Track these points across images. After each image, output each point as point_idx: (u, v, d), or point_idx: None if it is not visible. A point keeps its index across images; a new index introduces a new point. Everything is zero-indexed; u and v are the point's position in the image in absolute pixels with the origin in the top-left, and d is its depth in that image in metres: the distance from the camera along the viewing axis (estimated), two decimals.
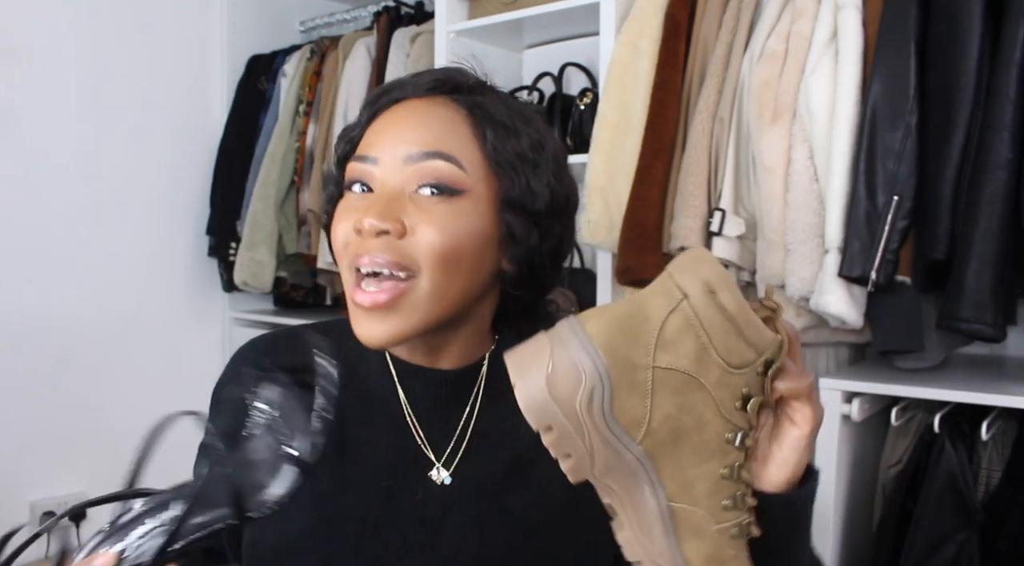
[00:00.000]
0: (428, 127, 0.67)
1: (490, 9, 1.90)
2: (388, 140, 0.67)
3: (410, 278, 0.64)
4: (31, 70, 2.08)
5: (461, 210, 0.66)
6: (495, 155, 0.68)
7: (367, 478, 0.71)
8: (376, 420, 0.73)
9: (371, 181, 0.67)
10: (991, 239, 1.16)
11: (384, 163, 0.66)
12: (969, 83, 1.21)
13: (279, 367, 0.74)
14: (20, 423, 2.06)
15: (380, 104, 0.70)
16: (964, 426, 1.32)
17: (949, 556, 1.23)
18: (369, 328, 0.65)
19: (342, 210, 0.68)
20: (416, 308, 0.64)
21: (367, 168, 0.67)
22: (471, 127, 0.68)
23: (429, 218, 0.64)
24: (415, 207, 0.65)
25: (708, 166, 1.47)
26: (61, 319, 2.15)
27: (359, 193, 0.68)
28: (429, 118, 0.68)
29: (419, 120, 0.68)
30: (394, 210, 0.64)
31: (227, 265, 2.37)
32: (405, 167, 0.66)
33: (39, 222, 2.11)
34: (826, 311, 1.30)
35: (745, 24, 1.48)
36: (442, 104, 0.69)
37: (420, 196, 0.65)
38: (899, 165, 1.26)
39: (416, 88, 0.70)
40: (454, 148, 0.67)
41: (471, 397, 0.74)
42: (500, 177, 0.68)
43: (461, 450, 0.73)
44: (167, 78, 2.38)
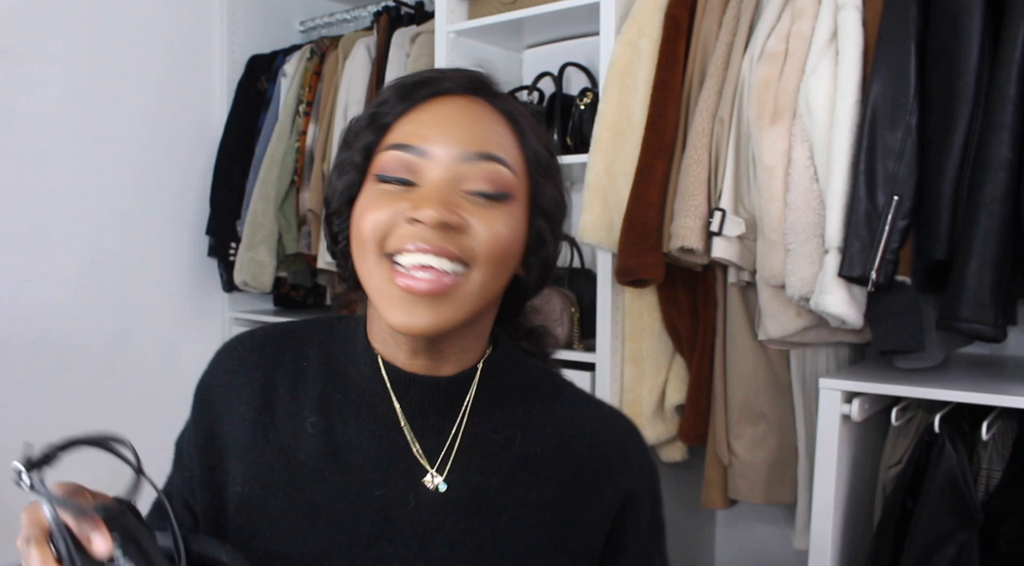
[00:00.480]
0: (482, 128, 0.67)
1: (490, 9, 1.90)
2: (439, 135, 0.66)
3: (463, 272, 0.64)
4: (31, 70, 2.08)
5: (509, 213, 0.67)
6: (535, 163, 0.70)
7: (360, 486, 0.69)
8: (367, 425, 0.71)
9: (416, 172, 0.65)
10: (991, 239, 1.16)
11: (435, 156, 0.65)
12: (969, 83, 1.21)
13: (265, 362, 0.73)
14: (20, 423, 2.06)
15: (419, 95, 0.68)
16: (964, 426, 1.32)
17: (949, 556, 1.23)
18: (414, 315, 0.63)
19: (375, 197, 0.66)
20: (463, 300, 0.64)
21: (413, 159, 0.65)
22: (512, 133, 0.69)
23: (485, 218, 0.65)
24: (468, 204, 0.65)
25: (708, 166, 1.48)
26: (61, 319, 2.15)
27: (396, 184, 0.65)
28: (480, 118, 0.68)
29: (472, 119, 0.67)
30: (455, 205, 0.64)
31: (227, 265, 2.37)
32: (459, 164, 0.65)
33: (38, 222, 2.11)
34: (826, 311, 1.30)
35: (745, 24, 1.48)
36: (483, 105, 0.69)
37: (472, 196, 0.65)
38: (899, 165, 1.26)
39: (457, 84, 0.69)
40: (506, 152, 0.67)
41: (464, 403, 0.72)
42: (536, 184, 0.70)
43: (452, 457, 0.71)
44: (167, 78, 2.38)
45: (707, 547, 2.03)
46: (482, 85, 0.70)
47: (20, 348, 2.07)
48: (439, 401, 0.71)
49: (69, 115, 2.16)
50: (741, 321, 1.56)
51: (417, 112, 0.68)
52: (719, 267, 1.57)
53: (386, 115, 0.68)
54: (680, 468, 1.78)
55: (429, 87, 0.68)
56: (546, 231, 0.71)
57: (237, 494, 0.69)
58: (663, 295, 1.66)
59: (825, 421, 1.29)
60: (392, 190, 0.65)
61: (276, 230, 2.25)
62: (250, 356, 0.74)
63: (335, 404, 0.71)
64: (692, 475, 1.80)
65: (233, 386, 0.73)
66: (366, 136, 0.69)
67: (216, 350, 0.77)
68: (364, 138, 0.69)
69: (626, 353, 1.68)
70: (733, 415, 1.57)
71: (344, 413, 0.71)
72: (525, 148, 0.69)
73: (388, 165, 0.66)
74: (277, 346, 0.75)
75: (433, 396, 0.71)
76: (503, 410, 0.74)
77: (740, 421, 1.57)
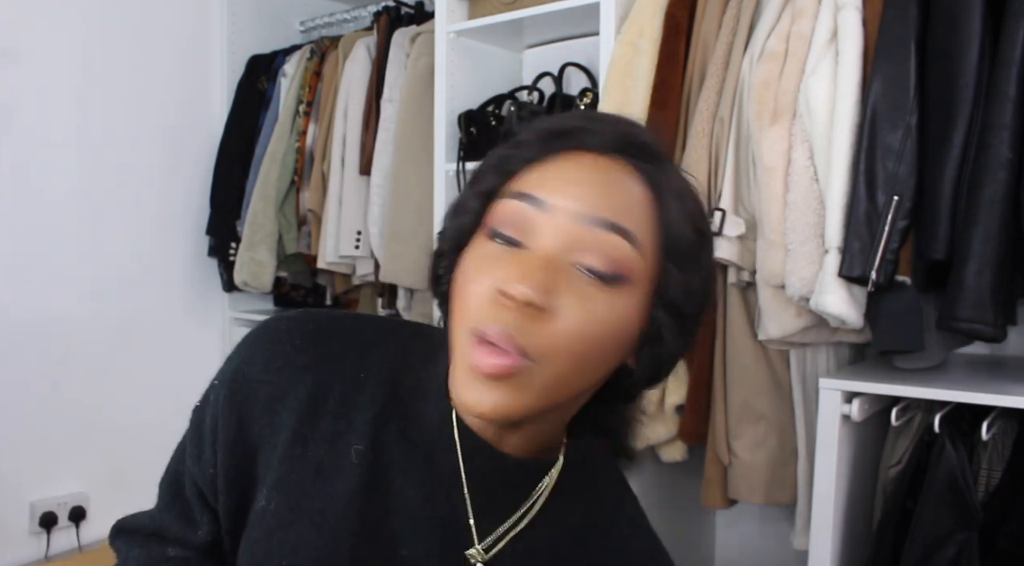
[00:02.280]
0: (614, 194, 0.58)
1: (490, 9, 1.90)
2: (566, 190, 0.58)
3: (528, 362, 0.56)
4: (31, 70, 2.08)
5: (619, 301, 0.58)
6: (671, 246, 0.60)
7: (391, 537, 0.62)
8: (418, 472, 0.63)
9: (530, 227, 0.58)
10: (991, 239, 1.16)
11: (555, 211, 0.57)
12: (969, 83, 1.21)
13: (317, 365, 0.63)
14: (20, 423, 2.06)
15: (555, 146, 0.60)
16: (964, 426, 1.32)
17: (949, 556, 1.23)
18: (482, 395, 0.56)
19: (483, 259, 0.58)
20: (528, 388, 0.56)
21: (532, 211, 0.57)
22: (652, 208, 0.59)
23: (581, 305, 0.56)
24: (569, 281, 0.56)
25: (708, 166, 1.47)
26: (61, 319, 2.15)
27: (504, 246, 0.58)
28: (616, 184, 0.59)
29: (606, 181, 0.58)
30: (550, 282, 0.55)
31: (227, 265, 2.37)
32: (576, 226, 0.57)
33: (39, 222, 2.11)
34: (826, 311, 1.30)
35: (745, 24, 1.48)
36: (626, 171, 0.60)
37: (579, 272, 0.57)
38: (899, 165, 1.26)
39: (602, 143, 0.60)
40: (636, 227, 0.58)
41: (536, 492, 0.66)
42: (667, 270, 0.60)
43: (507, 540, 0.64)
44: (167, 78, 2.38)
45: (707, 547, 2.02)
46: (632, 146, 0.61)
47: (20, 348, 2.07)
48: (511, 480, 0.65)
49: (69, 115, 2.16)
50: (741, 321, 1.56)
51: (549, 163, 0.60)
52: (719, 267, 1.57)
53: (516, 160, 0.61)
54: (680, 468, 1.78)
55: (572, 139, 0.60)
56: (667, 325, 0.61)
57: (261, 508, 0.63)
58: None
59: (825, 421, 1.29)
60: (501, 251, 0.58)
61: (276, 230, 2.25)
62: (299, 357, 0.64)
63: (388, 436, 0.64)
64: (692, 475, 1.80)
65: (276, 387, 0.63)
66: (490, 179, 0.62)
67: (252, 333, 0.67)
68: (487, 181, 0.62)
69: None
70: (733, 415, 1.57)
71: (398, 451, 0.64)
72: (661, 225, 0.59)
73: (504, 214, 0.59)
74: (335, 346, 0.66)
75: (504, 473, 0.64)
76: (564, 512, 0.67)
77: (740, 421, 1.57)
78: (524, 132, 0.63)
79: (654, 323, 0.60)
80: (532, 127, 0.63)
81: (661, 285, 0.60)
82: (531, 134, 0.62)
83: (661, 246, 0.60)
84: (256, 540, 0.63)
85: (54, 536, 2.14)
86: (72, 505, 2.16)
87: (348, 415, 0.64)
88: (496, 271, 0.57)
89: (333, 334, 0.66)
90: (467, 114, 1.91)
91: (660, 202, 0.60)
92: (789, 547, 1.60)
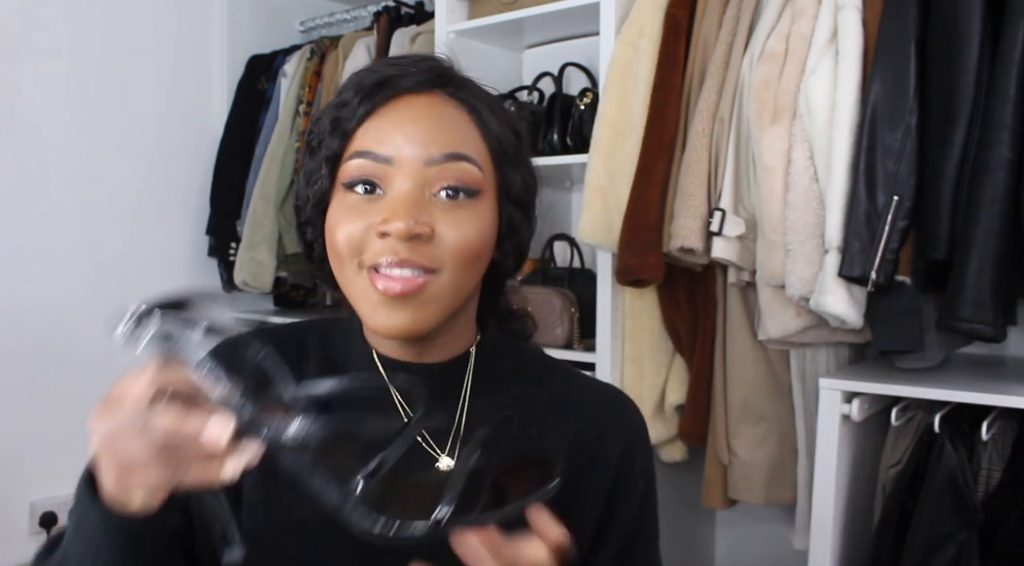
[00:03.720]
0: (445, 128, 0.67)
1: (490, 9, 1.90)
2: (403, 139, 0.66)
3: (432, 274, 0.65)
4: (31, 70, 2.08)
5: (479, 210, 0.68)
6: (501, 153, 0.70)
7: None
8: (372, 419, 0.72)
9: (382, 181, 0.66)
10: (991, 239, 1.16)
11: (401, 163, 0.66)
12: (969, 83, 1.21)
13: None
14: (20, 423, 2.06)
15: (380, 97, 0.68)
16: (964, 426, 1.32)
17: (949, 556, 1.23)
18: (393, 317, 0.64)
19: (346, 210, 0.67)
20: (436, 300, 0.65)
21: (379, 167, 0.66)
22: (476, 126, 0.69)
23: (454, 221, 0.66)
24: (436, 209, 0.66)
25: (708, 166, 1.48)
26: (61, 319, 2.15)
27: (362, 194, 0.66)
28: (442, 118, 0.68)
29: (434, 120, 0.67)
30: (422, 213, 0.64)
31: (227, 265, 2.37)
32: (426, 169, 0.65)
33: (38, 222, 2.11)
34: (826, 311, 1.30)
35: (745, 24, 1.48)
36: (444, 101, 0.69)
37: (440, 198, 0.66)
38: (899, 165, 1.26)
39: (418, 83, 0.69)
40: (471, 149, 0.68)
41: (461, 388, 0.74)
42: (503, 173, 0.71)
43: (460, 439, 0.72)
44: (167, 78, 2.38)
45: (707, 547, 2.02)
46: (442, 78, 0.70)
47: (20, 348, 2.07)
48: (436, 388, 0.72)
49: (69, 116, 2.16)
50: (741, 321, 1.56)
51: (379, 116, 0.68)
52: (719, 267, 1.57)
53: (348, 120, 0.68)
54: (680, 468, 1.78)
55: (389, 88, 0.68)
56: (517, 218, 0.72)
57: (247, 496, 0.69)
58: (663, 295, 1.66)
59: (825, 421, 1.29)
60: (361, 200, 0.66)
61: (276, 230, 2.25)
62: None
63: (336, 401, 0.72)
64: (692, 475, 1.80)
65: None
66: (330, 143, 0.69)
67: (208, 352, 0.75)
68: (328, 146, 0.69)
69: (626, 353, 1.68)
70: (733, 415, 1.57)
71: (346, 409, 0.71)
72: (488, 139, 0.70)
73: (354, 174, 0.67)
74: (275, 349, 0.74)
75: (429, 383, 0.71)
76: (499, 391, 0.75)
77: (740, 421, 1.57)
78: (343, 92, 0.70)
79: (508, 219, 0.71)
80: (349, 85, 0.70)
81: (503, 187, 0.71)
82: (351, 92, 0.69)
83: (491, 154, 0.70)
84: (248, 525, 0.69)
85: None
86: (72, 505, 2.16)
87: None
88: (366, 216, 0.65)
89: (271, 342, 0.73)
90: None
91: (480, 119, 0.70)
92: (789, 547, 1.60)
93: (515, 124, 0.73)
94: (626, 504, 0.77)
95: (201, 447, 0.50)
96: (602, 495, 0.75)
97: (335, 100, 0.71)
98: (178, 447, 0.50)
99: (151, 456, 0.50)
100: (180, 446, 0.50)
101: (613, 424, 0.77)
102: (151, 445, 0.50)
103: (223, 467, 0.51)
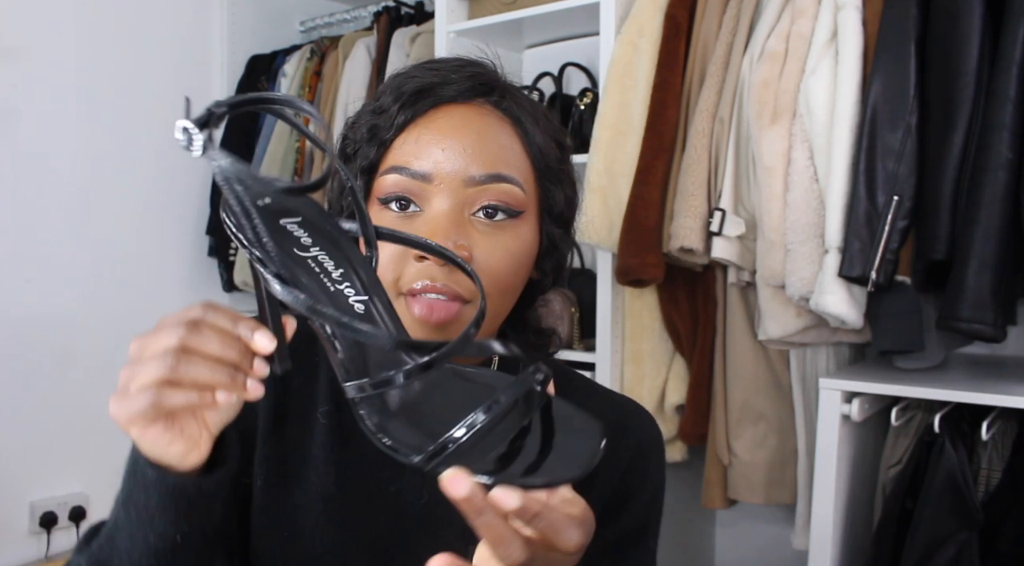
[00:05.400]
0: (487, 144, 0.64)
1: (490, 9, 1.90)
2: (443, 156, 0.63)
3: (464, 304, 0.63)
4: (31, 70, 2.08)
5: (519, 232, 0.65)
6: (545, 170, 0.67)
7: (371, 479, 0.68)
8: None
9: (419, 199, 0.63)
10: (991, 239, 1.16)
11: (440, 181, 0.62)
12: (969, 83, 1.21)
13: None
14: (20, 423, 2.06)
15: (421, 106, 0.65)
16: (964, 426, 1.32)
17: (949, 556, 1.23)
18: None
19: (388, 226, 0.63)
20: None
21: (416, 184, 0.63)
22: (519, 140, 0.66)
23: (491, 245, 0.63)
24: (475, 231, 0.63)
25: (708, 166, 1.48)
26: (61, 319, 2.15)
27: (398, 211, 0.63)
28: (485, 132, 0.64)
29: (476, 134, 0.64)
30: (461, 236, 0.62)
31: (227, 265, 2.37)
32: (466, 189, 0.63)
33: (39, 222, 2.11)
34: (826, 311, 1.30)
35: (745, 24, 1.48)
36: (488, 113, 0.66)
37: (479, 218, 0.63)
38: (899, 165, 1.26)
39: (459, 92, 0.65)
40: (514, 168, 0.65)
41: None
42: (546, 191, 0.68)
43: None
44: (167, 78, 2.38)
45: (707, 547, 2.02)
46: (486, 87, 0.67)
47: (20, 348, 2.07)
48: None
49: (69, 115, 2.16)
50: (741, 321, 1.56)
51: (419, 126, 0.64)
52: (719, 267, 1.57)
53: (386, 130, 0.65)
54: (680, 468, 1.78)
55: (430, 96, 0.65)
56: (558, 236, 0.69)
57: (255, 487, 0.68)
58: (663, 295, 1.66)
59: (825, 421, 1.29)
60: (396, 218, 0.64)
61: None
62: None
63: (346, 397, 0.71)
64: (692, 475, 1.80)
65: None
66: (367, 152, 0.66)
67: None
68: (365, 155, 0.66)
69: (626, 353, 1.68)
70: (733, 415, 1.57)
71: None
72: (532, 154, 0.67)
73: (390, 190, 0.64)
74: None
75: None
76: None
77: (740, 421, 1.57)
78: (382, 97, 0.67)
79: (549, 237, 0.69)
80: (388, 89, 0.67)
81: (545, 204, 0.68)
82: (390, 98, 0.66)
83: (535, 171, 0.67)
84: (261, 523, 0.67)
85: (54, 536, 2.14)
86: (72, 505, 2.15)
87: (311, 393, 0.70)
88: None
89: None
90: None
91: (524, 131, 0.66)
92: (789, 547, 1.60)
93: (559, 135, 0.70)
94: (626, 512, 0.75)
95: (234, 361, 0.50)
96: (602, 502, 0.74)
97: (372, 104, 0.67)
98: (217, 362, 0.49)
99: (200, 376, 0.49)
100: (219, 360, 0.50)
101: (625, 434, 0.75)
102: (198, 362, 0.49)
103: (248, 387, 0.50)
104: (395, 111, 0.65)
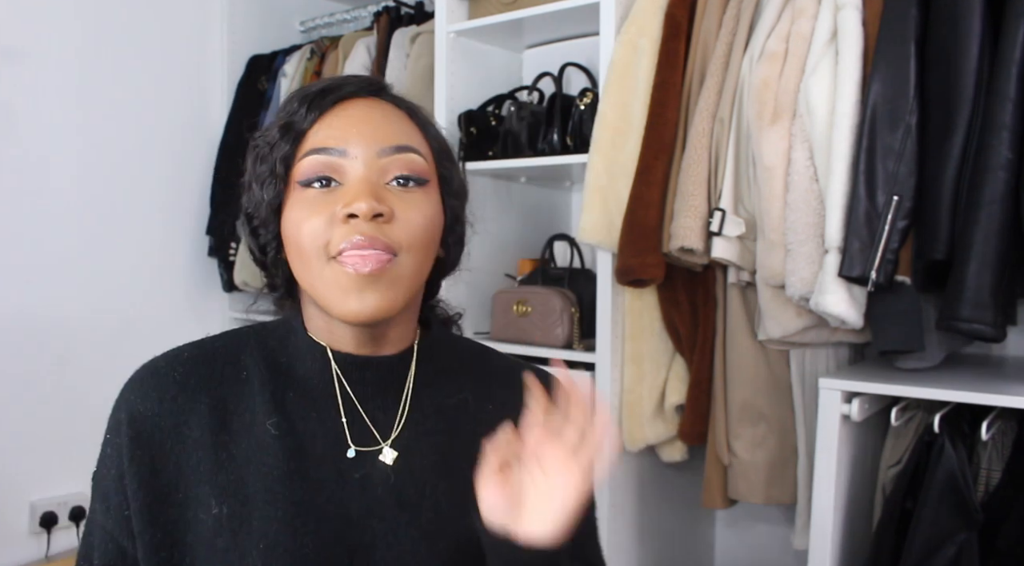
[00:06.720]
0: (392, 123, 0.73)
1: (490, 9, 1.90)
2: (355, 134, 0.71)
3: (394, 257, 0.69)
4: (31, 70, 2.08)
5: (428, 198, 0.73)
6: (440, 151, 0.77)
7: (337, 474, 0.72)
8: (318, 414, 0.74)
9: (339, 173, 0.70)
10: (991, 239, 1.16)
11: (355, 155, 0.70)
12: (969, 83, 1.21)
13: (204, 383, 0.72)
14: (20, 423, 2.06)
15: (327, 101, 0.72)
16: (964, 426, 1.32)
17: (949, 556, 1.23)
18: (364, 300, 0.67)
19: (306, 206, 0.70)
20: (400, 281, 0.69)
21: (334, 160, 0.70)
22: (415, 125, 0.76)
23: (408, 205, 0.70)
24: (391, 195, 0.70)
25: (708, 166, 1.48)
26: (61, 319, 2.15)
27: (320, 188, 0.70)
28: (387, 116, 0.73)
29: (381, 117, 0.73)
30: (381, 196, 0.69)
31: (227, 265, 2.37)
32: (379, 159, 0.70)
33: (39, 222, 2.11)
34: (826, 311, 1.30)
35: (745, 24, 1.48)
36: (385, 105, 0.75)
37: (393, 186, 0.71)
38: (899, 165, 1.26)
39: (359, 87, 0.74)
40: (416, 143, 0.74)
41: (406, 382, 0.77)
42: (444, 169, 0.77)
43: (401, 431, 0.75)
44: (167, 78, 2.38)
45: (707, 547, 2.03)
46: (381, 87, 0.76)
47: (20, 347, 2.07)
48: (392, 379, 0.76)
49: (69, 115, 2.16)
50: (741, 321, 1.56)
51: (328, 118, 0.72)
52: (719, 267, 1.57)
53: (299, 124, 0.72)
54: (680, 468, 1.78)
55: (334, 93, 0.73)
56: (459, 210, 0.78)
57: (216, 516, 0.69)
58: (663, 295, 1.66)
59: (825, 421, 1.29)
60: (319, 194, 0.70)
61: None
62: (188, 379, 0.73)
63: (289, 403, 0.74)
64: (692, 475, 1.80)
65: (177, 413, 0.72)
66: (282, 146, 0.72)
67: (130, 382, 0.75)
68: (280, 149, 0.72)
69: (626, 353, 1.68)
70: (733, 415, 1.57)
71: (301, 410, 0.74)
72: (430, 138, 0.76)
73: (311, 170, 0.70)
74: (209, 364, 0.75)
75: (387, 375, 0.76)
76: (450, 378, 0.80)
77: (740, 421, 1.57)
78: (287, 105, 0.74)
79: (451, 211, 0.77)
80: (292, 98, 0.74)
81: (445, 180, 0.77)
82: (298, 102, 0.73)
83: (432, 151, 0.76)
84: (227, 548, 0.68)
85: (54, 536, 2.14)
86: (72, 505, 2.16)
87: (251, 407, 0.73)
88: (328, 207, 0.69)
89: (202, 357, 0.76)
90: (467, 114, 1.91)
91: (419, 120, 0.76)
92: (789, 547, 1.60)
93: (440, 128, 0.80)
94: None
95: None
96: None
97: (280, 113, 0.74)
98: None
99: None
100: None
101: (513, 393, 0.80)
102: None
103: None
104: (304, 110, 0.72)
